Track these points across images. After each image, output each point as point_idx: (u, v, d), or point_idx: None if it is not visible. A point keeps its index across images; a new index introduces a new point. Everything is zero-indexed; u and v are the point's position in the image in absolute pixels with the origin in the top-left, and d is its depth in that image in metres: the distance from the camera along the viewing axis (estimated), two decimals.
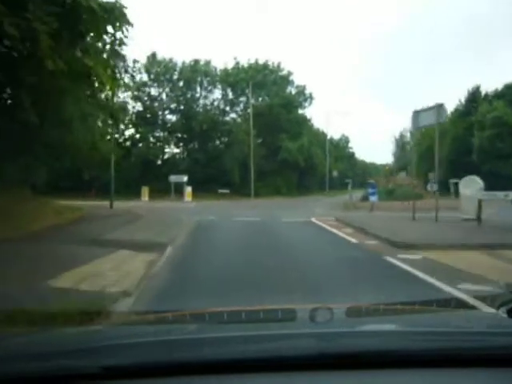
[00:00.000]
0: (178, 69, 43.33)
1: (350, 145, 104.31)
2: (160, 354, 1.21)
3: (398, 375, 1.19)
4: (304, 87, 46.94)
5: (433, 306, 2.08)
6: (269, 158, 44.25)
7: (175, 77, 43.52)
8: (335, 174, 65.84)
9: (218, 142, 45.44)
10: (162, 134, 42.52)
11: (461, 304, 2.45)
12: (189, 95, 44.11)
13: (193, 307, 3.01)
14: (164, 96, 43.45)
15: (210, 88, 44.57)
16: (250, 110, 42.87)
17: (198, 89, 44.56)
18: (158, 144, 42.14)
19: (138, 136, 42.76)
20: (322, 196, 48.73)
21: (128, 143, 42.26)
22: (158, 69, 42.22)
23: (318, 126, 58.11)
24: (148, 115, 42.83)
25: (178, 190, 37.41)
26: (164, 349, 1.25)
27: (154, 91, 43.69)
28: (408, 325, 1.63)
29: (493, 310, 1.75)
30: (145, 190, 32.33)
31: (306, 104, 47.12)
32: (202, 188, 42.30)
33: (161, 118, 43.35)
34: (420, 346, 1.27)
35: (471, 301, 3.43)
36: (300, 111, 47.36)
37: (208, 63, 44.03)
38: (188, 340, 1.37)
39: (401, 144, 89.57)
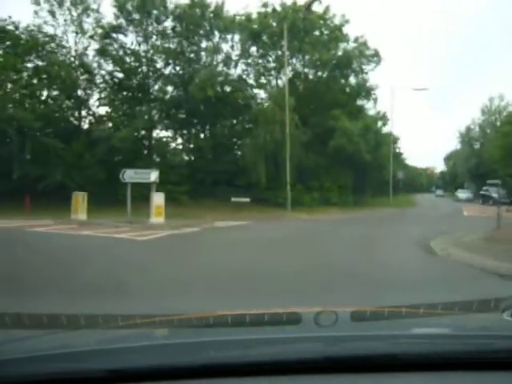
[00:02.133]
0: (170, 7, 27.26)
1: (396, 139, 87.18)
2: (166, 357, 1.21)
3: (404, 378, 1.18)
4: (365, 42, 30.23)
5: (437, 310, 2.04)
6: (314, 147, 27.85)
7: (167, 23, 27.53)
8: (400, 175, 48.93)
9: (233, 123, 29.15)
10: (143, 109, 26.37)
11: (465, 307, 2.16)
12: (188, 50, 28.03)
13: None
14: (146, 49, 27.32)
15: (221, 39, 28.31)
16: (284, 73, 26.73)
17: (204, 40, 28.43)
18: (138, 124, 25.89)
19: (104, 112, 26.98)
20: (395, 208, 32.34)
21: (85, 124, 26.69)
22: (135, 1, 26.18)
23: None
24: (122, 79, 26.99)
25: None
26: (169, 352, 1.25)
27: (130, 40, 27.68)
28: (413, 328, 1.63)
29: (497, 314, 1.63)
30: (78, 199, 15.95)
31: (370, 67, 30.38)
32: (204, 193, 26.16)
33: (141, 82, 27.30)
34: (425, 349, 1.26)
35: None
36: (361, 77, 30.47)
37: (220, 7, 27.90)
38: (193, 343, 1.35)
39: (467, 140, 72.11)
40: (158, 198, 15.39)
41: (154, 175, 15.75)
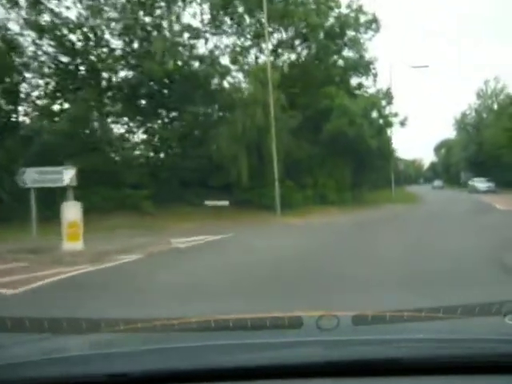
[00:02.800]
0: None
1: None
2: (166, 361, 1.21)
3: (406, 383, 1.17)
4: (361, 6, 25.02)
5: (439, 313, 1.97)
6: (305, 133, 22.61)
7: None
8: (402, 167, 44.01)
9: (205, 109, 23.72)
10: (89, 96, 20.79)
11: (467, 311, 2.03)
12: (145, 23, 22.54)
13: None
14: (95, 24, 21.77)
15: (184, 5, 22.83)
16: (265, 40, 21.45)
17: (165, 11, 22.94)
18: (83, 113, 20.35)
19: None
20: (402, 204, 27.26)
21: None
22: None
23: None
24: (65, 62, 21.46)
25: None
26: (170, 356, 1.25)
27: (73, 14, 22.10)
28: (415, 332, 1.61)
29: (500, 317, 1.59)
30: None
31: (367, 36, 25.18)
32: (172, 198, 20.79)
33: (88, 63, 21.69)
34: (427, 353, 1.25)
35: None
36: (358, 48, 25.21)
37: None
38: (193, 347, 1.35)
39: (463, 126, 67.59)
40: (70, 212, 9.54)
41: (68, 175, 9.87)
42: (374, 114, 23.00)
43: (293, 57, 24.68)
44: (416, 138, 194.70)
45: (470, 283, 5.77)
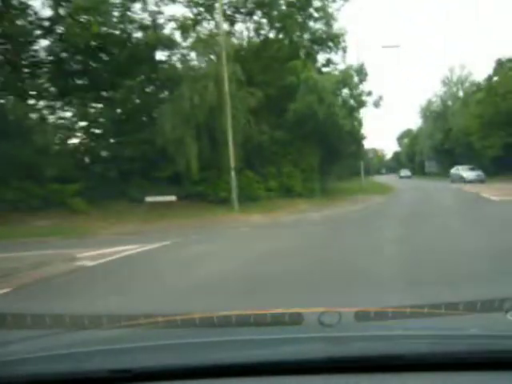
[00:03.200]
0: None
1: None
2: (168, 357, 1.22)
3: (408, 379, 1.16)
4: None
5: (441, 310, 2.04)
6: (266, 114, 19.29)
7: None
8: (371, 155, 41.44)
9: (146, 85, 19.88)
10: None
11: (469, 307, 2.07)
12: None
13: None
14: None
15: None
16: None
17: None
18: None
19: None
20: (376, 195, 24.39)
21: None
22: None
23: None
24: None
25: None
26: (172, 353, 1.26)
27: None
28: (417, 328, 1.61)
29: (501, 314, 1.61)
30: None
31: (336, 5, 21.99)
32: (107, 193, 17.10)
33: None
34: (429, 349, 1.24)
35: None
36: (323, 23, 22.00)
37: None
38: (196, 344, 1.34)
39: (429, 114, 66.02)
40: None
41: None
42: (346, 92, 19.83)
43: (251, 27, 21.24)
44: (378, 127, 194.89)
45: None
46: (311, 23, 22.06)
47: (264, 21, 21.29)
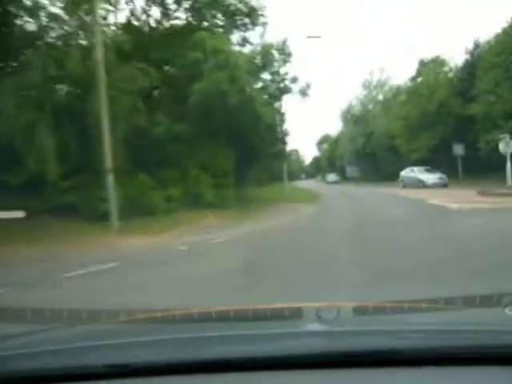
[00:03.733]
0: None
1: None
2: (166, 352, 1.21)
3: (406, 373, 1.16)
4: None
5: (440, 305, 2.03)
6: (164, 102, 14.63)
7: None
8: (294, 157, 38.21)
9: None
10: None
11: (468, 302, 2.11)
12: None
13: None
14: None
15: None
16: None
17: None
18: None
19: None
20: (306, 205, 20.28)
21: None
22: None
23: None
24: None
25: None
26: (170, 347, 1.25)
27: None
28: (416, 323, 1.61)
29: (500, 309, 1.59)
30: None
31: None
32: None
33: None
34: (427, 344, 1.24)
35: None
36: None
37: None
38: (193, 338, 1.34)
39: (349, 117, 64.50)
40: None
41: None
42: (266, 78, 15.65)
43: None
44: (297, 131, 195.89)
45: None
46: None
47: None
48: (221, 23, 17.60)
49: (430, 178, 30.57)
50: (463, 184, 28.04)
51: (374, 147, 54.14)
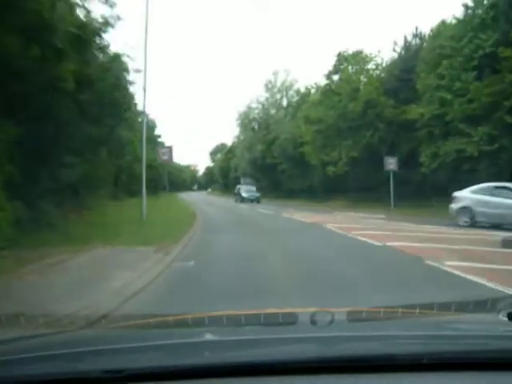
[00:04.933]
0: None
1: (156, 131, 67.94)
2: (162, 358, 1.21)
3: (400, 379, 1.14)
4: None
5: (433, 310, 2.04)
6: None
7: None
8: (166, 156, 27.62)
9: None
10: None
11: (461, 307, 2.17)
12: None
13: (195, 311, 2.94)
14: None
15: None
16: None
17: None
18: None
19: None
20: (143, 244, 9.95)
21: None
22: None
23: None
24: None
25: None
26: (165, 353, 1.25)
27: None
28: (409, 329, 1.57)
29: (493, 314, 1.59)
30: None
31: None
32: None
33: None
34: (421, 349, 1.23)
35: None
36: None
37: None
38: (189, 344, 1.33)
39: (248, 122, 55.45)
40: None
41: None
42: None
43: None
44: (193, 142, 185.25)
45: None
46: None
47: None
48: None
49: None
50: (395, 214, 19.92)
51: (275, 157, 45.84)
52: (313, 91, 41.15)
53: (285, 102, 52.29)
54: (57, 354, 1.27)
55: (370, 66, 30.70)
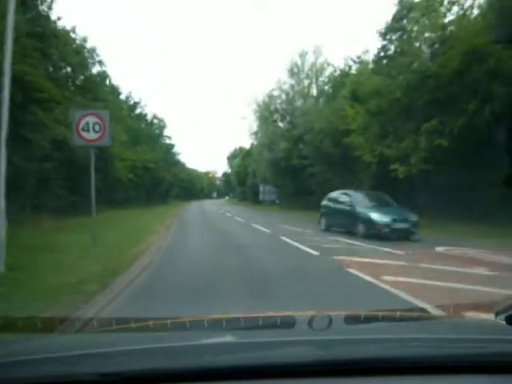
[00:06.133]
0: None
1: (166, 132, 58.70)
2: (159, 361, 1.17)
3: (398, 382, 1.14)
4: None
5: (431, 313, 2.02)
6: None
7: None
8: (105, 141, 16.93)
9: None
10: None
11: (459, 310, 2.18)
12: None
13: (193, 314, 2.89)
14: None
15: None
16: None
17: None
18: None
19: None
20: None
21: None
22: None
23: None
24: None
25: None
26: (163, 356, 1.21)
27: None
28: (407, 332, 1.58)
29: (491, 318, 1.57)
30: None
31: None
32: None
33: None
34: (419, 353, 1.23)
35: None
36: None
37: None
38: (186, 347, 1.31)
39: (268, 115, 44.87)
40: None
41: None
42: None
43: None
44: (211, 147, 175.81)
45: None
46: None
47: None
48: None
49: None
50: None
51: (303, 157, 35.26)
52: (354, 68, 30.49)
53: (315, 91, 41.66)
54: (53, 357, 1.24)
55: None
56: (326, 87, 40.05)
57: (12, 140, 6.42)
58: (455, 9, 19.05)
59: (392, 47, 21.81)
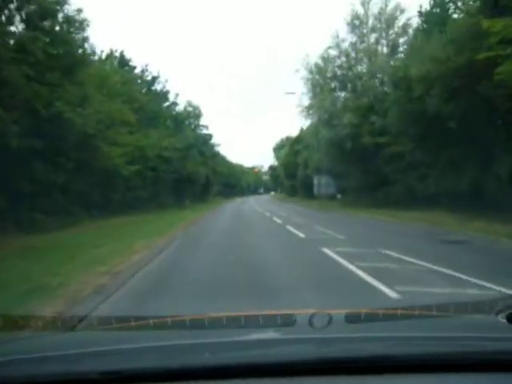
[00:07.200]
0: None
1: (202, 122, 49.94)
2: (160, 359, 1.17)
3: (398, 380, 1.14)
4: None
5: (432, 311, 2.00)
6: None
7: None
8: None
9: None
10: None
11: (460, 309, 2.15)
12: None
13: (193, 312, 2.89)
14: None
15: None
16: None
17: None
18: None
19: None
20: None
21: None
22: None
23: None
24: None
25: None
26: (164, 354, 1.21)
27: None
28: (407, 330, 1.55)
29: (492, 316, 1.57)
30: None
31: None
32: None
33: None
34: (419, 351, 1.21)
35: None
36: None
37: None
38: (188, 345, 1.31)
39: (321, 83, 34.35)
40: None
41: None
42: None
43: None
44: (257, 140, 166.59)
45: None
46: None
47: None
48: None
49: None
50: None
51: (377, 134, 24.98)
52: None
53: (385, 48, 30.97)
54: (54, 355, 1.24)
55: None
56: (402, 40, 29.39)
57: None
58: None
59: None
